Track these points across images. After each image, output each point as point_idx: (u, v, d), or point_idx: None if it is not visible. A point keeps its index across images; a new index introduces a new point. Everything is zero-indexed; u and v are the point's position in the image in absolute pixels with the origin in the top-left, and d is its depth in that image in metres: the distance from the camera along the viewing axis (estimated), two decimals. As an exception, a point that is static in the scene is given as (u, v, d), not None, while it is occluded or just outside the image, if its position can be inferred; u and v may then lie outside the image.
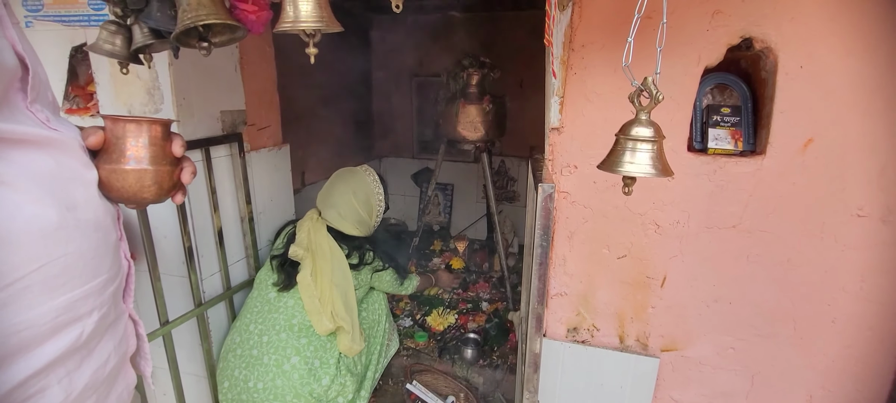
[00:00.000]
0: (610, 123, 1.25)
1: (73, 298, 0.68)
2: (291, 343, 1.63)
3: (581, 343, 1.48)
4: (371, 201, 1.95)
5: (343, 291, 1.73)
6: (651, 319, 1.40)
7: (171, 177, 0.78)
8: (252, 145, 1.87)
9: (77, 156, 0.70)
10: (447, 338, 2.28)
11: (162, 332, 1.52)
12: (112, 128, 0.73)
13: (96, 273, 0.71)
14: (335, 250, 1.79)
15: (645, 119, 0.80)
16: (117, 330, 0.81)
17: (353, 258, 1.85)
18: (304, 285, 1.68)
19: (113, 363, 0.79)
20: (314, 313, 1.66)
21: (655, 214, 1.30)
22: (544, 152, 1.36)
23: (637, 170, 0.79)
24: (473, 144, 2.36)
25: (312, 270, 1.71)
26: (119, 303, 0.82)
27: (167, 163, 0.77)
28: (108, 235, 0.74)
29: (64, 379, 0.69)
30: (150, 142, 0.75)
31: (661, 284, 1.35)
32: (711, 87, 1.29)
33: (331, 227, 1.86)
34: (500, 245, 2.49)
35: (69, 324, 0.68)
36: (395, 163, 3.56)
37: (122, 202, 0.76)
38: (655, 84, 0.78)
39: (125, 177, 0.73)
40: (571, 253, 1.41)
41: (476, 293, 2.68)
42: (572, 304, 1.46)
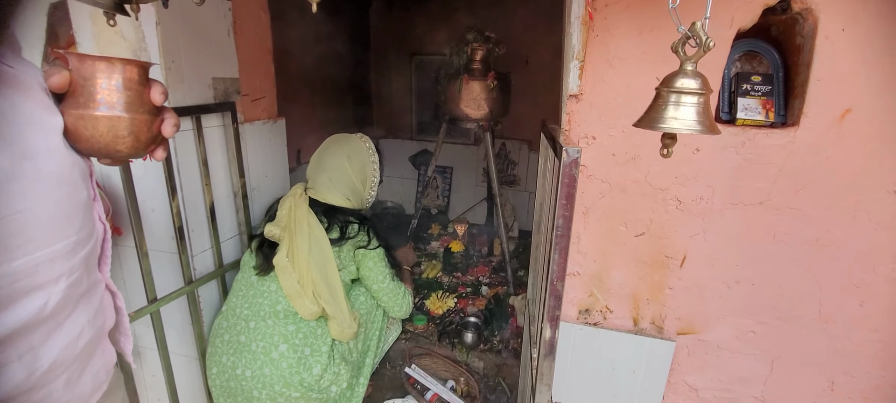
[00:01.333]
0: (633, 90, 1.16)
1: (33, 261, 0.57)
2: (278, 329, 1.52)
3: (593, 325, 1.40)
4: (365, 169, 1.80)
5: (322, 269, 1.57)
6: (668, 301, 1.32)
7: (150, 128, 0.67)
8: (246, 116, 1.76)
9: (36, 97, 0.59)
10: (447, 322, 2.20)
11: (150, 310, 1.42)
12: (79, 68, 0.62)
13: (62, 234, 0.61)
14: (314, 226, 1.61)
15: (691, 69, 0.70)
16: (91, 302, 0.71)
17: (334, 232, 1.65)
18: (281, 267, 1.54)
19: (87, 337, 0.69)
20: (295, 297, 1.53)
21: (677, 189, 1.22)
22: (559, 124, 1.27)
23: (682, 126, 0.69)
24: (476, 123, 2.26)
25: (289, 250, 1.56)
26: (93, 271, 0.72)
27: (145, 111, 0.66)
28: (76, 191, 0.64)
29: (26, 355, 0.59)
30: (125, 84, 0.64)
31: (680, 264, 1.27)
32: (739, 55, 1.19)
33: (316, 202, 1.69)
34: (501, 228, 2.41)
35: (30, 292, 0.58)
36: (392, 145, 3.46)
37: (94, 154, 0.65)
38: (704, 29, 0.68)
39: (95, 124, 0.62)
40: (586, 231, 1.32)
41: (476, 277, 2.60)
42: (585, 285, 1.37)
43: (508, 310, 2.24)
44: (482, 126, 2.29)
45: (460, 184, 3.47)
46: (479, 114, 2.23)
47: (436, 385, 1.91)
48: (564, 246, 0.92)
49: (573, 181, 0.87)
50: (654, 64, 1.14)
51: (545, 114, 2.59)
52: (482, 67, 2.21)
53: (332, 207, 1.71)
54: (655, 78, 1.13)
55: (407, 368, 1.99)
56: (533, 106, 2.90)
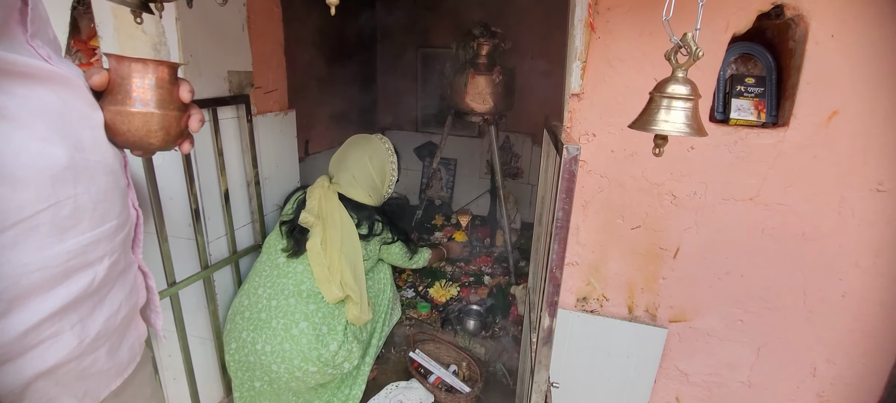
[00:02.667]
0: (632, 90, 1.21)
1: (83, 242, 0.64)
2: (300, 308, 1.61)
3: (590, 312, 1.46)
4: (385, 168, 1.92)
5: (352, 261, 1.71)
6: (661, 290, 1.38)
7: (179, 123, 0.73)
8: (258, 108, 1.82)
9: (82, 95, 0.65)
10: (449, 310, 2.26)
11: (169, 293, 1.49)
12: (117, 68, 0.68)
13: (106, 217, 0.68)
14: (346, 220, 1.75)
15: (682, 77, 0.76)
16: (127, 280, 0.78)
17: (363, 228, 1.81)
18: (314, 253, 1.66)
19: (124, 312, 0.76)
20: (324, 281, 1.64)
21: (673, 185, 1.27)
22: (562, 120, 1.32)
23: (672, 128, 0.75)
24: (481, 116, 2.31)
25: (322, 238, 1.68)
26: (128, 252, 0.79)
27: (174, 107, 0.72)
28: (116, 180, 0.70)
29: (77, 325, 0.66)
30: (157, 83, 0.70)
31: (673, 255, 1.34)
32: (735, 58, 1.24)
33: (341, 196, 1.81)
34: (504, 219, 2.47)
35: (81, 269, 0.65)
36: (397, 136, 3.51)
37: (128, 147, 0.72)
38: (695, 40, 0.73)
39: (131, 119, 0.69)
40: (585, 223, 1.38)
41: (478, 267, 2.67)
42: (583, 274, 1.44)
43: (509, 299, 2.31)
44: (487, 119, 2.33)
45: (464, 175, 3.51)
46: (483, 108, 2.28)
47: (439, 369, 1.99)
48: (564, 237, 0.98)
49: (573, 176, 0.93)
50: (653, 65, 1.19)
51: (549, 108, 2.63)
52: (488, 62, 2.25)
53: (361, 205, 1.85)
54: (653, 78, 1.19)
55: (411, 353, 2.06)
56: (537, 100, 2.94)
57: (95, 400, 0.73)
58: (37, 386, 0.62)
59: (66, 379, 0.66)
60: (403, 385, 1.94)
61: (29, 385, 0.61)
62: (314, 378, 1.60)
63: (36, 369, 0.61)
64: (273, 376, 1.58)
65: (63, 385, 0.66)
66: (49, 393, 0.64)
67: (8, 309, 0.57)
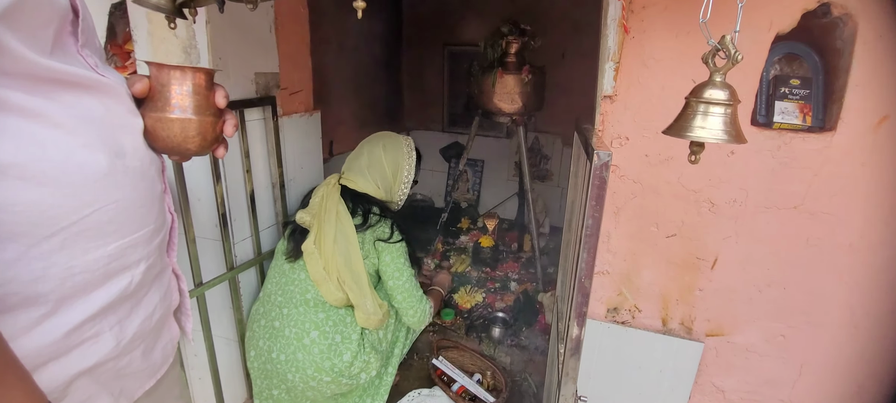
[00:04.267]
0: (668, 92, 1.21)
1: (123, 246, 0.69)
2: (309, 317, 1.63)
3: (621, 324, 1.46)
4: (399, 162, 1.85)
5: (346, 256, 1.65)
6: (698, 302, 1.37)
7: (214, 128, 0.78)
8: (284, 110, 1.88)
9: (124, 102, 0.70)
10: (474, 317, 2.28)
11: (196, 293, 1.56)
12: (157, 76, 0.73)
13: (144, 222, 0.72)
14: (342, 214, 1.69)
15: (719, 81, 0.76)
16: (162, 283, 0.83)
17: (358, 217, 1.72)
18: (309, 253, 1.64)
19: (159, 314, 0.81)
20: (321, 282, 1.63)
21: (711, 192, 1.26)
22: (593, 123, 1.33)
23: (708, 135, 0.76)
24: (509, 117, 2.33)
25: (316, 236, 1.66)
26: (164, 256, 0.84)
27: (211, 113, 0.77)
28: (154, 185, 0.75)
29: (115, 326, 0.71)
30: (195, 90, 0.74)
31: (711, 266, 1.32)
32: (779, 58, 1.23)
33: (347, 189, 1.78)
34: (532, 224, 2.47)
35: (120, 272, 0.69)
36: (423, 137, 3.55)
37: (167, 152, 0.77)
38: (734, 43, 0.73)
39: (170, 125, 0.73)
40: (617, 231, 1.38)
41: (505, 273, 2.67)
42: (614, 283, 1.43)
43: (537, 307, 2.31)
44: (515, 120, 2.34)
45: (491, 178, 3.52)
46: (512, 108, 2.28)
47: (462, 377, 2.00)
48: (593, 246, 0.99)
49: (603, 183, 0.94)
50: (691, 66, 1.18)
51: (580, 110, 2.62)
52: (517, 61, 2.26)
53: (360, 194, 1.78)
54: (691, 80, 1.18)
55: (434, 360, 2.09)
56: (568, 100, 2.93)
57: (130, 399, 0.78)
58: (78, 384, 0.67)
59: (104, 378, 0.71)
60: (426, 392, 1.96)
61: (71, 382, 0.66)
62: (330, 387, 1.62)
63: (78, 367, 0.66)
64: (289, 385, 1.63)
65: (101, 383, 0.71)
66: (88, 391, 0.69)
67: (55, 309, 0.62)
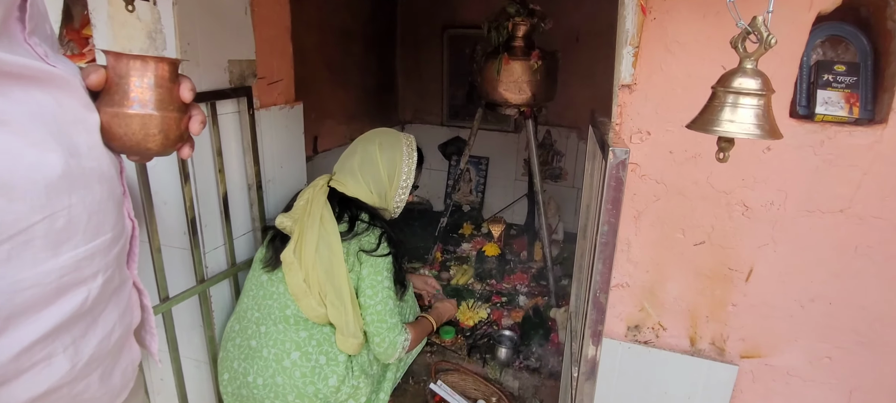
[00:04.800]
0: (694, 80, 1.21)
1: (77, 257, 0.69)
2: (290, 336, 1.62)
3: (643, 343, 1.46)
4: (397, 163, 1.83)
5: (328, 267, 1.63)
6: (731, 319, 1.37)
7: (179, 125, 0.78)
8: (262, 101, 1.88)
9: (78, 96, 0.70)
10: (478, 336, 2.28)
11: (162, 310, 1.56)
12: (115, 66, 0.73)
13: (101, 230, 0.72)
14: (327, 219, 1.68)
15: (751, 68, 0.76)
16: (121, 298, 0.83)
17: (344, 224, 1.71)
18: (288, 263, 1.63)
19: (118, 334, 0.81)
20: (301, 296, 1.62)
21: (744, 193, 1.26)
22: (610, 116, 1.33)
23: (738, 129, 0.76)
24: (517, 109, 2.33)
25: (296, 244, 1.65)
26: (123, 269, 0.84)
27: (174, 108, 0.77)
28: (112, 188, 0.75)
29: (70, 348, 0.71)
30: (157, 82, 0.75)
31: (745, 278, 1.32)
32: (822, 40, 1.23)
33: (336, 192, 1.77)
34: (543, 229, 2.47)
35: (75, 286, 0.69)
36: (420, 132, 3.56)
37: (125, 152, 0.77)
38: (767, 24, 0.73)
39: (129, 122, 0.73)
40: (637, 238, 1.38)
41: (513, 285, 2.68)
42: (635, 298, 1.43)
43: (549, 324, 2.31)
44: (524, 112, 2.35)
45: (497, 177, 3.53)
46: (520, 98, 2.29)
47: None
48: (609, 255, 0.99)
49: (620, 184, 0.94)
50: (720, 50, 1.18)
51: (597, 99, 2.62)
52: (525, 45, 2.27)
53: (350, 198, 1.77)
54: (721, 66, 1.18)
55: (432, 384, 2.09)
56: (584, 89, 2.94)
57: (87, 429, 0.78)
58: None
59: (57, 406, 0.71)
60: (423, 421, 1.96)
61: None
62: None
63: (28, 394, 0.66)
64: None
65: (54, 412, 0.71)
66: None
67: (3, 328, 0.62)
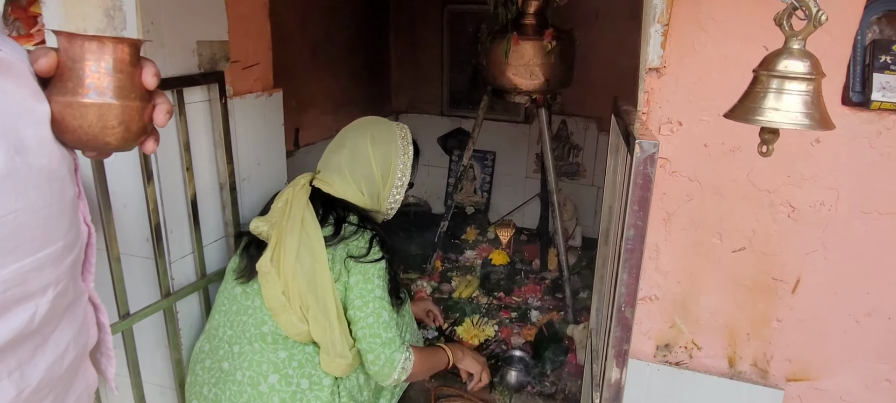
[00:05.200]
0: (732, 63, 1.22)
1: (23, 268, 0.68)
2: (267, 356, 1.61)
3: (675, 364, 1.46)
4: (391, 159, 1.83)
5: (311, 278, 1.63)
6: (775, 337, 1.37)
7: (141, 115, 0.78)
8: (236, 89, 1.88)
9: (26, 84, 0.70)
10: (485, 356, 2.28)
11: (121, 328, 1.56)
12: (68, 49, 0.72)
13: (51, 238, 0.72)
14: (309, 223, 1.67)
15: (798, 49, 0.76)
16: (76, 315, 0.83)
17: (328, 227, 1.70)
18: (264, 273, 1.62)
19: (71, 356, 0.81)
20: (280, 311, 1.61)
21: (790, 192, 1.27)
22: (635, 104, 1.33)
23: (784, 119, 0.76)
24: (528, 96, 2.33)
25: (274, 252, 1.64)
26: (78, 281, 0.84)
27: (136, 96, 0.76)
28: (64, 189, 0.75)
29: (15, 372, 0.70)
30: (116, 67, 0.74)
31: (792, 289, 1.33)
32: (879, 16, 1.23)
33: (320, 192, 1.76)
34: (559, 235, 2.47)
35: (20, 301, 0.69)
36: (417, 123, 3.55)
37: (80, 147, 0.76)
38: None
39: (84, 112, 0.73)
40: (667, 243, 1.38)
41: (524, 298, 2.67)
42: (665, 312, 1.44)
43: (566, 343, 2.31)
44: (536, 99, 2.35)
45: (505, 175, 3.53)
46: (531, 84, 2.29)
47: (469, 435, 2.00)
48: (635, 264, 0.99)
49: (648, 182, 0.94)
50: (762, 29, 1.19)
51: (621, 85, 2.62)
52: (537, 23, 2.26)
53: (335, 199, 1.76)
54: (763, 47, 1.18)
55: (432, 413, 2.09)
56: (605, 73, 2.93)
57: (36, 465, 0.78)
58: None
59: (2, 441, 0.71)
60: (422, 456, 1.96)
61: None
62: None
63: None
64: None
65: (-2, 447, 0.71)
66: None
67: None
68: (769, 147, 0.80)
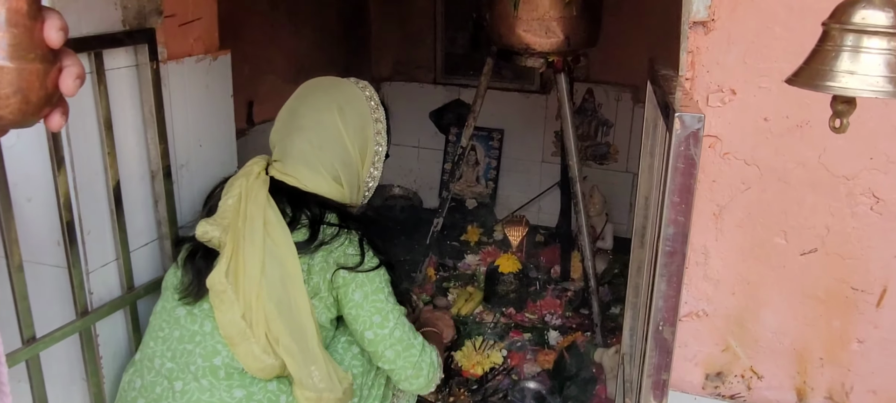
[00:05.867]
0: (798, 15, 1.21)
1: None
2: (218, 396, 1.58)
3: (729, 398, 1.47)
4: (366, 131, 1.83)
5: (282, 297, 1.62)
6: (856, 361, 1.38)
7: (44, 82, 0.77)
8: (170, 51, 1.87)
9: None
10: (489, 390, 2.29)
11: (25, 355, 1.55)
12: None
13: None
14: (274, 225, 1.66)
15: (880, -4, 0.76)
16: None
17: (301, 231, 1.71)
18: (217, 292, 1.59)
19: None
20: (239, 340, 1.58)
21: (874, 178, 1.27)
22: (677, 67, 1.33)
23: (861, 84, 0.75)
24: (543, 58, 2.33)
25: (230, 264, 1.61)
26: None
27: (37, 57, 0.76)
28: None
29: None
30: (9, 20, 0.73)
31: (877, 302, 1.33)
32: None
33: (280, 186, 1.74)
34: (584, 235, 2.47)
35: None
36: (405, 93, 3.55)
37: None
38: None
39: None
40: (718, 245, 1.38)
41: (539, 315, 2.68)
42: (716, 332, 1.44)
43: (593, 372, 2.31)
44: (553, 63, 2.35)
45: (516, 158, 3.54)
46: (548, 43, 2.29)
47: (470, 489, 2.01)
48: (677, 271, 0.99)
49: (691, 165, 0.93)
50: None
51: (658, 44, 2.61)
52: (554, -34, 2.26)
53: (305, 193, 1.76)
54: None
55: (424, 461, 2.09)
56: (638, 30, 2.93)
57: None
58: None
59: None
60: None
61: None
62: None
63: None
64: None
65: None
66: None
67: None
68: (843, 121, 0.79)
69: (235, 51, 2.14)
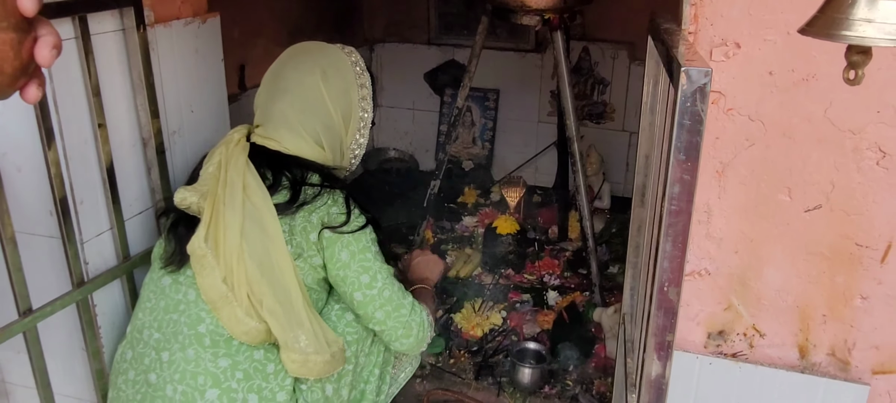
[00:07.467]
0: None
1: None
2: (204, 365, 1.58)
3: (731, 356, 1.47)
4: (350, 95, 1.82)
5: (263, 258, 1.62)
6: (859, 318, 1.37)
7: (18, 52, 0.74)
8: (158, 14, 1.83)
9: None
10: (489, 350, 2.30)
11: (22, 327, 1.54)
12: None
13: None
14: (253, 188, 1.66)
15: (898, -62, 0.72)
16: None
17: (282, 193, 1.70)
18: (198, 257, 1.59)
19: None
20: (221, 305, 1.58)
21: (881, 132, 1.25)
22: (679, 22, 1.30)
23: (879, 33, 0.72)
24: (539, 16, 2.30)
25: (209, 229, 1.61)
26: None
27: (9, 26, 0.72)
28: None
29: None
30: None
31: (881, 257, 1.32)
32: None
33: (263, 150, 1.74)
34: (581, 194, 2.46)
35: None
36: (398, 54, 3.53)
37: None
38: None
39: None
40: (722, 203, 1.38)
41: (538, 276, 2.68)
42: (719, 290, 1.44)
43: (592, 332, 2.31)
44: (549, 20, 2.33)
45: (512, 119, 3.53)
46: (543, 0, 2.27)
47: (472, 450, 2.01)
48: (682, 230, 0.97)
49: (697, 122, 0.91)
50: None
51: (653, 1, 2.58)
52: (549, -80, 2.23)
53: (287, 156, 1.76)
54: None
55: (425, 423, 2.10)
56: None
57: None
58: None
59: None
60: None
61: None
62: None
63: None
64: None
65: None
66: None
67: None
68: (859, 72, 0.77)
69: (225, 14, 2.11)
